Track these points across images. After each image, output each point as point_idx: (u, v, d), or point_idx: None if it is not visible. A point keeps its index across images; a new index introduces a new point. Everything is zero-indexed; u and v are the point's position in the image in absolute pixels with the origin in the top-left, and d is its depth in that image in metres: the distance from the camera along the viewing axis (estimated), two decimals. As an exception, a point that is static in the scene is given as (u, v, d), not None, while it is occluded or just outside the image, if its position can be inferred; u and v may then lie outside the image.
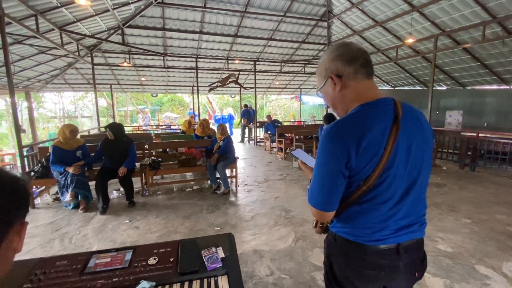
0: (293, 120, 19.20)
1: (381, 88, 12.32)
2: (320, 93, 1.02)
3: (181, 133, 7.90)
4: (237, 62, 10.47)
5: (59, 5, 5.29)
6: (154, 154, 5.25)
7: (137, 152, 4.52)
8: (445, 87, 10.34)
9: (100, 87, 11.67)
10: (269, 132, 8.96)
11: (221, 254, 1.20)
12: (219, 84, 9.32)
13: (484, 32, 5.98)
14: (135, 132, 12.43)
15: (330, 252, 1.03)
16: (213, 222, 3.50)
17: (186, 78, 12.39)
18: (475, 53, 7.65)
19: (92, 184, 4.04)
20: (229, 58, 10.51)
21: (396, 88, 12.23)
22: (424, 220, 0.98)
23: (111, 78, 11.33)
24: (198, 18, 8.01)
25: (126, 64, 8.22)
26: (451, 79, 9.55)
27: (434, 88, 7.08)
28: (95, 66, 8.54)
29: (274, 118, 10.10)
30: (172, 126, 14.07)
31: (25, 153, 4.32)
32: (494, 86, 8.95)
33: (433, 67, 6.89)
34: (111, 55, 9.41)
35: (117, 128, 4.21)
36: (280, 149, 8.04)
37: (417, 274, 0.98)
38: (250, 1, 7.61)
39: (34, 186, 4.31)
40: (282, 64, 11.46)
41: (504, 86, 8.64)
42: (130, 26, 7.71)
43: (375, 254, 0.91)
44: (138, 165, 4.58)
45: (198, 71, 9.89)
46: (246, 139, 11.81)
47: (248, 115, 11.42)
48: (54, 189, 4.49)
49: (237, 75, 9.13)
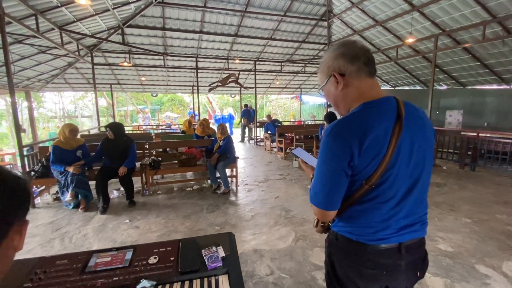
0: (293, 119, 19.19)
1: (381, 88, 12.31)
2: (322, 91, 1.02)
3: (181, 132, 7.91)
4: (237, 61, 10.46)
5: (59, 4, 5.28)
6: (154, 153, 5.26)
7: (137, 151, 4.52)
8: (445, 87, 10.34)
9: (100, 87, 11.68)
10: (269, 131, 8.96)
11: (221, 253, 1.20)
12: (219, 84, 9.32)
13: (484, 31, 5.97)
14: (135, 132, 12.42)
15: (331, 251, 1.03)
16: (213, 222, 3.50)
17: (186, 78, 12.39)
18: (475, 52, 7.65)
19: (92, 183, 4.04)
20: (229, 57, 10.51)
21: (396, 87, 12.23)
22: (425, 219, 0.97)
23: (111, 77, 11.33)
24: (198, 17, 8.01)
25: (126, 63, 8.22)
26: (451, 79, 9.55)
27: (434, 87, 7.07)
28: (95, 66, 8.54)
29: (274, 118, 10.09)
30: (172, 126, 14.06)
31: (25, 152, 4.32)
32: (494, 86, 8.94)
33: (433, 67, 6.88)
34: (111, 55, 9.41)
35: (117, 127, 4.21)
36: (280, 148, 8.04)
37: (418, 274, 0.98)
38: (250, 0, 7.61)
39: (34, 186, 4.31)
40: (282, 63, 11.45)
41: (504, 86, 8.64)
42: (130, 26, 7.70)
43: (377, 254, 0.91)
44: (138, 164, 4.58)
45: (198, 71, 9.88)
46: (246, 139, 11.81)
47: (248, 115, 11.42)
48: (54, 188, 4.50)
49: (237, 75, 9.13)
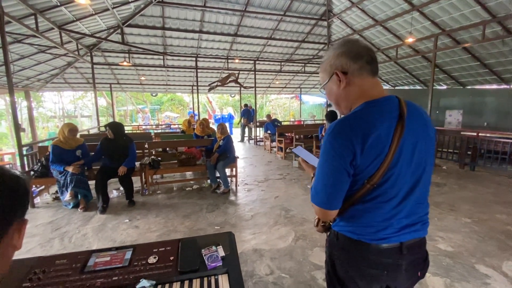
0: (293, 119, 19.19)
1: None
2: (323, 89, 1.01)
3: (181, 132, 7.90)
4: (237, 61, 10.45)
5: (59, 4, 5.27)
6: (154, 153, 5.25)
7: (137, 151, 4.52)
8: (445, 87, 10.33)
9: (99, 87, 11.66)
10: (269, 131, 8.96)
11: (221, 253, 1.20)
12: (219, 83, 9.31)
13: (484, 31, 5.97)
14: (135, 131, 12.40)
15: (332, 251, 1.02)
16: (213, 221, 3.50)
17: (186, 78, 12.37)
18: (475, 52, 7.64)
19: (92, 183, 4.04)
20: (229, 57, 10.50)
21: (396, 87, 12.22)
22: (426, 219, 0.97)
23: (111, 77, 11.31)
24: (198, 17, 8.00)
25: (125, 63, 8.21)
26: (451, 79, 9.54)
27: (434, 87, 7.07)
28: (95, 66, 8.52)
29: (273, 118, 10.09)
30: (171, 126, 14.05)
31: (24, 152, 4.31)
32: (494, 86, 8.94)
33: (433, 67, 6.87)
34: (111, 55, 9.39)
35: (116, 127, 4.21)
36: (280, 148, 8.03)
37: (419, 273, 0.98)
38: (250, 0, 7.60)
39: (34, 186, 4.30)
40: (282, 63, 11.44)
41: (504, 86, 8.64)
42: (130, 25, 7.69)
43: (378, 253, 0.90)
44: (138, 164, 4.58)
45: (198, 71, 9.87)
46: (246, 139, 11.81)
47: (248, 115, 11.41)
48: (54, 188, 4.49)
49: (237, 75, 9.12)
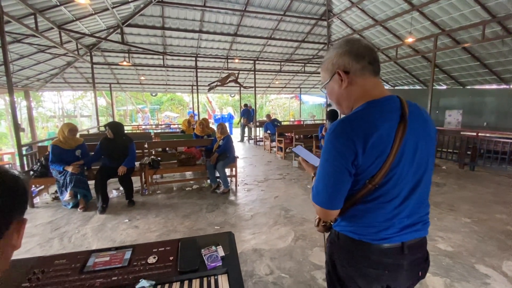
0: (292, 119, 19.19)
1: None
2: (324, 89, 1.01)
3: (180, 132, 7.90)
4: (236, 61, 10.45)
5: (58, 3, 5.26)
6: (153, 153, 5.25)
7: (136, 151, 4.51)
8: (444, 87, 10.34)
9: (99, 86, 11.65)
10: (268, 131, 8.95)
11: (221, 252, 1.19)
12: (219, 83, 9.30)
13: (483, 31, 5.97)
14: (135, 131, 12.39)
15: (333, 251, 1.02)
16: (212, 221, 3.50)
17: (186, 77, 12.36)
18: (475, 52, 7.64)
19: (91, 183, 4.03)
20: (228, 57, 10.49)
21: (395, 87, 12.23)
22: (427, 219, 0.97)
23: (111, 77, 11.29)
24: (197, 17, 7.99)
25: (125, 63, 8.20)
26: (451, 79, 9.55)
27: (433, 87, 7.07)
28: (95, 65, 8.52)
29: (273, 118, 10.09)
30: (171, 126, 14.04)
31: (24, 152, 4.30)
32: (494, 86, 8.95)
33: (432, 67, 6.87)
34: (111, 54, 9.38)
35: (116, 126, 4.20)
36: (279, 148, 8.03)
37: (420, 273, 0.97)
38: (250, 0, 7.60)
39: (33, 185, 4.30)
40: (282, 63, 11.44)
41: (503, 86, 8.64)
42: (130, 25, 7.68)
43: (379, 253, 0.90)
44: (137, 164, 4.57)
45: (198, 70, 9.86)
46: (245, 139, 11.81)
47: (247, 115, 11.41)
48: (53, 188, 4.49)
49: (236, 74, 9.11)
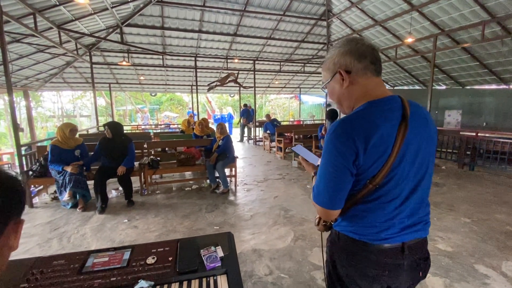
0: (292, 119, 19.19)
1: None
2: (325, 88, 1.01)
3: (180, 132, 7.89)
4: (236, 61, 10.44)
5: (58, 3, 5.25)
6: (153, 153, 5.24)
7: (136, 151, 4.51)
8: (444, 87, 10.35)
9: (98, 86, 11.63)
10: (268, 131, 8.95)
11: (220, 253, 1.19)
12: (218, 83, 9.30)
13: (483, 31, 5.97)
14: (134, 131, 12.38)
15: (333, 251, 1.02)
16: (212, 222, 3.49)
17: (185, 77, 12.36)
18: (474, 52, 7.65)
19: (90, 183, 4.02)
20: (228, 57, 10.49)
21: (395, 87, 12.24)
22: (428, 219, 0.97)
23: (110, 77, 11.28)
24: (197, 17, 7.98)
25: (125, 63, 8.19)
26: (450, 79, 9.56)
27: (433, 87, 7.08)
28: (94, 65, 8.50)
29: (273, 118, 10.08)
30: (171, 126, 14.03)
31: (23, 152, 4.29)
32: (493, 86, 8.96)
33: (432, 67, 6.88)
34: (110, 54, 9.36)
35: (115, 126, 4.20)
36: (279, 148, 8.03)
37: (420, 274, 0.97)
38: (250, 0, 7.59)
39: (32, 185, 4.29)
40: (282, 63, 11.44)
41: (503, 86, 8.65)
42: (129, 25, 7.67)
43: (380, 253, 0.90)
44: (137, 164, 4.57)
45: (197, 70, 9.85)
46: (245, 139, 11.81)
47: (247, 115, 11.41)
48: (53, 188, 4.48)
49: (236, 74, 9.11)
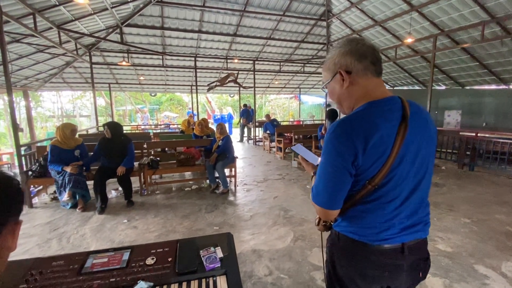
0: (292, 119, 19.19)
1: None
2: (326, 88, 1.01)
3: (180, 132, 7.89)
4: (236, 61, 10.44)
5: (57, 3, 5.25)
6: (152, 153, 5.24)
7: (135, 151, 4.50)
8: (444, 87, 10.35)
9: (98, 86, 11.63)
10: (268, 131, 8.95)
11: (219, 254, 1.19)
12: (218, 83, 9.30)
13: (483, 32, 5.98)
14: (134, 131, 12.38)
15: (333, 251, 1.02)
16: (211, 222, 3.49)
17: (185, 78, 12.35)
18: (474, 53, 7.65)
19: (90, 183, 4.02)
20: (228, 57, 10.48)
21: (395, 87, 12.24)
22: (428, 219, 0.97)
23: (110, 77, 11.27)
24: (197, 17, 7.98)
25: (124, 63, 8.18)
26: (450, 79, 9.56)
27: (433, 87, 7.08)
28: (94, 65, 8.49)
29: (272, 118, 10.08)
30: (171, 126, 14.03)
31: (22, 152, 4.29)
32: (493, 86, 8.96)
33: (432, 67, 6.88)
34: (110, 54, 9.36)
35: (115, 126, 4.20)
36: (279, 148, 8.03)
37: (420, 274, 0.97)
38: (249, 0, 7.59)
39: (32, 186, 4.28)
40: (281, 63, 11.44)
41: (502, 86, 8.66)
42: (129, 25, 7.67)
43: (380, 254, 0.90)
44: (136, 164, 4.56)
45: (197, 70, 9.85)
46: (245, 139, 11.81)
47: (247, 115, 11.42)
48: (52, 188, 4.47)
49: (236, 75, 9.11)
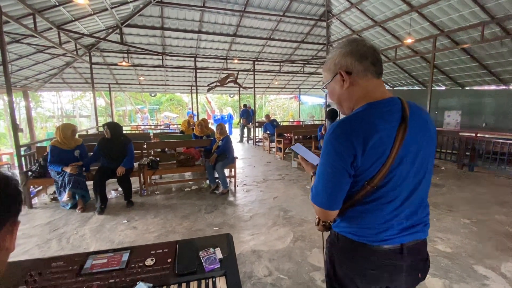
0: (292, 120, 19.19)
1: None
2: (326, 88, 1.01)
3: (179, 133, 7.89)
4: (236, 61, 10.44)
5: (57, 4, 5.25)
6: (152, 154, 5.24)
7: (135, 152, 4.51)
8: (443, 87, 10.36)
9: (98, 87, 11.63)
10: (268, 132, 8.95)
11: (219, 255, 1.19)
12: (218, 83, 9.30)
13: (482, 32, 5.98)
14: (134, 131, 12.38)
15: (332, 252, 1.02)
16: (211, 222, 3.49)
17: (185, 78, 12.35)
18: (474, 53, 7.66)
19: (90, 184, 4.02)
20: (228, 57, 10.49)
21: (394, 88, 12.24)
22: (427, 220, 0.97)
23: (110, 77, 11.27)
24: (197, 17, 7.99)
25: (124, 63, 8.18)
26: (450, 79, 9.56)
27: (432, 88, 7.08)
28: (94, 66, 8.49)
29: (272, 118, 10.08)
30: (170, 126, 14.03)
31: (22, 152, 4.29)
32: (493, 87, 8.97)
33: (431, 67, 6.88)
34: (110, 55, 9.36)
35: (114, 126, 4.21)
36: (279, 149, 8.03)
37: (420, 275, 0.97)
38: (249, 0, 7.59)
39: (32, 186, 4.28)
40: (281, 64, 11.44)
41: (502, 87, 8.66)
42: (129, 25, 7.67)
43: (379, 255, 0.90)
44: (136, 164, 4.56)
45: (197, 71, 9.85)
46: (245, 139, 11.81)
47: (247, 115, 11.42)
48: (52, 189, 4.47)
49: (236, 75, 9.12)
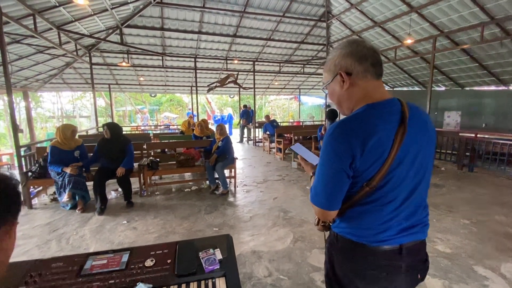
0: (292, 120, 19.20)
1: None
2: (326, 89, 1.01)
3: (179, 133, 7.90)
4: (236, 62, 10.45)
5: (57, 4, 5.26)
6: (152, 154, 5.24)
7: (135, 152, 4.50)
8: (443, 88, 10.37)
9: (98, 87, 11.63)
10: (267, 132, 8.95)
11: (219, 255, 1.19)
12: (218, 84, 9.30)
13: (482, 33, 5.99)
14: (134, 132, 12.38)
15: (332, 252, 1.02)
16: (211, 223, 3.49)
17: (185, 78, 12.36)
18: (474, 54, 7.67)
19: (90, 184, 4.02)
20: (228, 58, 10.50)
21: (394, 88, 12.25)
22: (427, 221, 0.97)
23: (110, 78, 11.28)
24: (197, 18, 8.00)
25: (124, 64, 8.19)
26: (450, 80, 9.58)
27: (432, 88, 7.10)
28: (94, 66, 8.49)
29: (272, 118, 10.08)
30: (170, 126, 14.04)
31: (22, 153, 4.29)
32: (493, 87, 8.98)
33: (431, 68, 6.89)
34: (110, 55, 9.36)
35: (114, 127, 4.21)
36: (279, 149, 8.03)
37: (419, 276, 0.97)
38: (249, 1, 7.61)
39: (32, 187, 4.28)
40: (281, 64, 11.45)
41: (502, 87, 8.67)
42: (129, 26, 7.68)
43: (378, 255, 0.90)
44: (136, 165, 4.56)
45: (197, 71, 9.86)
46: (245, 140, 11.81)
47: (247, 116, 11.42)
48: (52, 189, 4.47)
49: (236, 75, 9.12)
